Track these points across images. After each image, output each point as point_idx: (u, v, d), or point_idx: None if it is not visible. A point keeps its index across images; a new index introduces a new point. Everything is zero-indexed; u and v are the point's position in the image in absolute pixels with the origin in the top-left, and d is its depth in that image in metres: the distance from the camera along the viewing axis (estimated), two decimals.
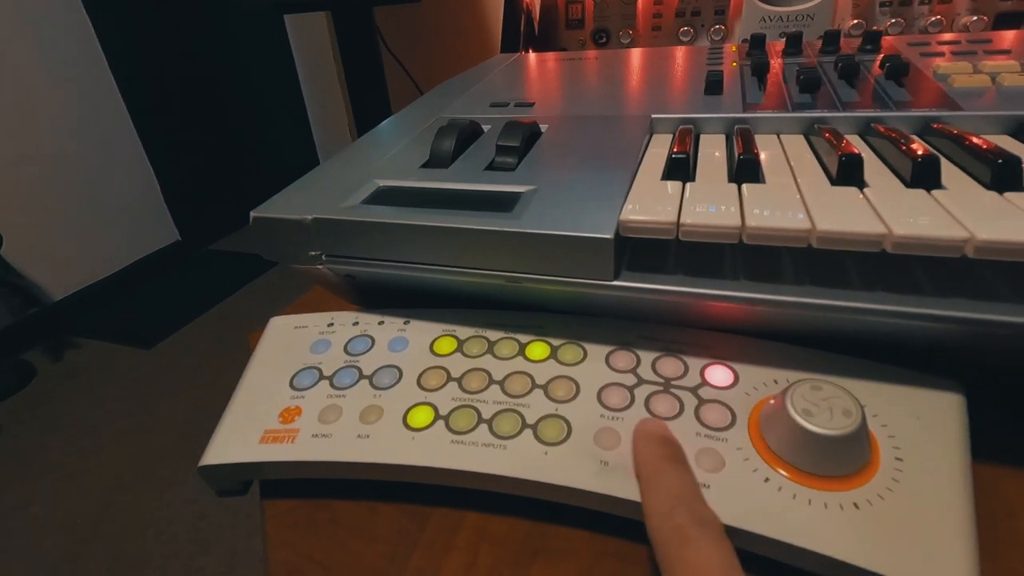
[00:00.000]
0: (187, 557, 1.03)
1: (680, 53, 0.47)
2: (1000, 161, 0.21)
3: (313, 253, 0.26)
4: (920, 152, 0.22)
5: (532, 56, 0.53)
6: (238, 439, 0.23)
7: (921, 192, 0.21)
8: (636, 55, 0.48)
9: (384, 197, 0.27)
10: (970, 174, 0.23)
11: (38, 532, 1.10)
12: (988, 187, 0.21)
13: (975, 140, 0.24)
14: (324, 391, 0.24)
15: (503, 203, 0.24)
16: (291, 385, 0.25)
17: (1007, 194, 0.20)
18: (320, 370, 0.25)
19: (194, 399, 1.41)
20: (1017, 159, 0.21)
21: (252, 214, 0.26)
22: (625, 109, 0.34)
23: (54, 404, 1.45)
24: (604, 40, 0.64)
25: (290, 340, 0.27)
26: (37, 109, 1.63)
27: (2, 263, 1.58)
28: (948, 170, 0.23)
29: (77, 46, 1.70)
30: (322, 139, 2.37)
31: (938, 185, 0.22)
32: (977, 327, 0.18)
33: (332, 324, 0.27)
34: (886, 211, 0.19)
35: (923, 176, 0.22)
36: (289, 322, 0.28)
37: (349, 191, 0.27)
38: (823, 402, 0.18)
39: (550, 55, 0.53)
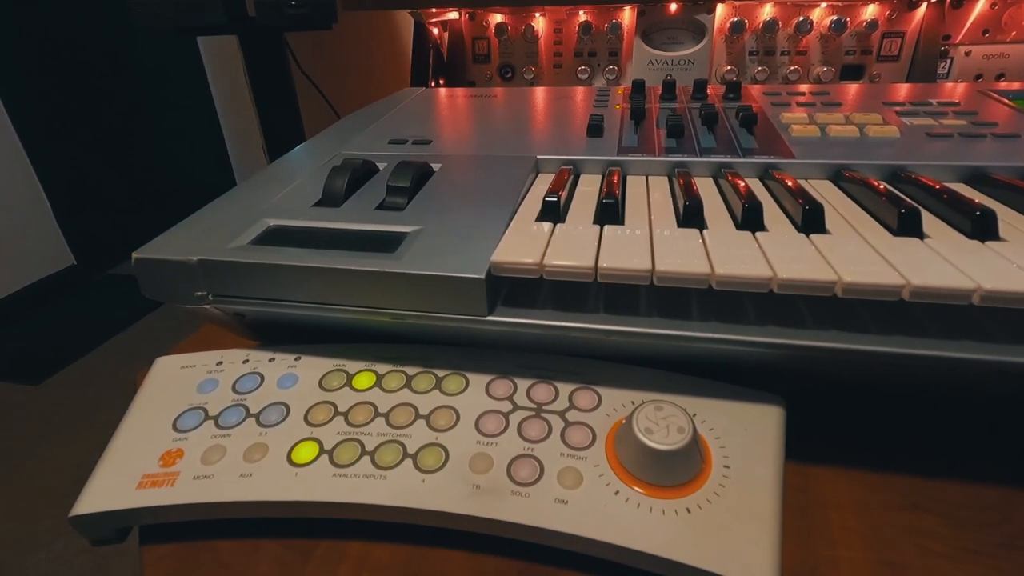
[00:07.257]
0: None
1: (576, 94, 0.51)
2: (808, 208, 0.25)
3: (200, 293, 0.26)
4: (746, 200, 0.26)
5: (437, 91, 0.55)
6: (113, 486, 0.22)
7: (748, 235, 0.24)
8: (534, 94, 0.51)
9: (273, 237, 0.27)
10: (790, 217, 0.27)
11: None
12: (799, 230, 0.25)
13: (796, 187, 0.28)
14: (208, 431, 0.24)
15: (388, 243, 0.26)
16: (174, 427, 0.24)
17: (812, 236, 0.24)
18: (206, 410, 0.25)
19: (87, 440, 1.30)
20: (821, 207, 0.25)
21: (135, 255, 0.26)
22: (515, 149, 0.37)
23: None
24: (510, 75, 0.68)
25: (176, 380, 0.27)
26: None
27: None
28: (775, 214, 0.27)
29: None
30: (238, 159, 2.28)
31: (762, 228, 0.26)
32: (788, 350, 0.22)
33: (221, 362, 0.28)
34: (715, 253, 0.23)
35: (750, 221, 0.26)
36: (176, 362, 0.28)
37: (239, 230, 0.28)
38: (663, 420, 0.21)
39: (456, 91, 0.55)
